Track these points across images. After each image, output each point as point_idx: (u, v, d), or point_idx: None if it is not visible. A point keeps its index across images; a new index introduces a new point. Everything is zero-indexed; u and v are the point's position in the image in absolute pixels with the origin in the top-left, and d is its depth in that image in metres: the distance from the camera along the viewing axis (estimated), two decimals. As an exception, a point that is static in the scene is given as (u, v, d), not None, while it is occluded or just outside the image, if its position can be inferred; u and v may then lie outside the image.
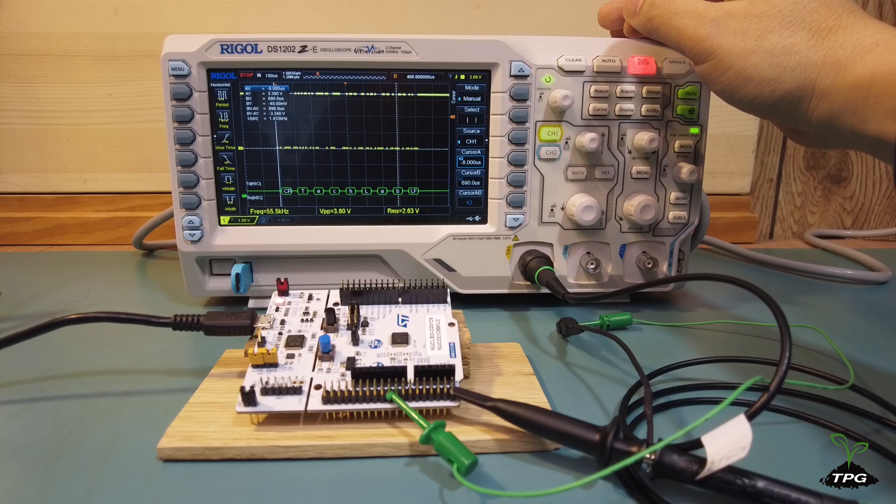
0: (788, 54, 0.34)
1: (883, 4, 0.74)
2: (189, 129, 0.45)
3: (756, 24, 0.35)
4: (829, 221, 0.82)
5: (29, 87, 0.69)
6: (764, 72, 0.35)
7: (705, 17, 0.37)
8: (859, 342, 0.44)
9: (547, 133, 0.47)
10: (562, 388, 0.37)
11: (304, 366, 0.33)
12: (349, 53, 0.45)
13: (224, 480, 0.28)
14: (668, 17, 0.39)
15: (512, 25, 0.70)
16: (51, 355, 0.40)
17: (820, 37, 0.33)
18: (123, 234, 0.72)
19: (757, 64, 0.35)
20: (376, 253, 0.49)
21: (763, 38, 0.35)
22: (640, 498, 0.26)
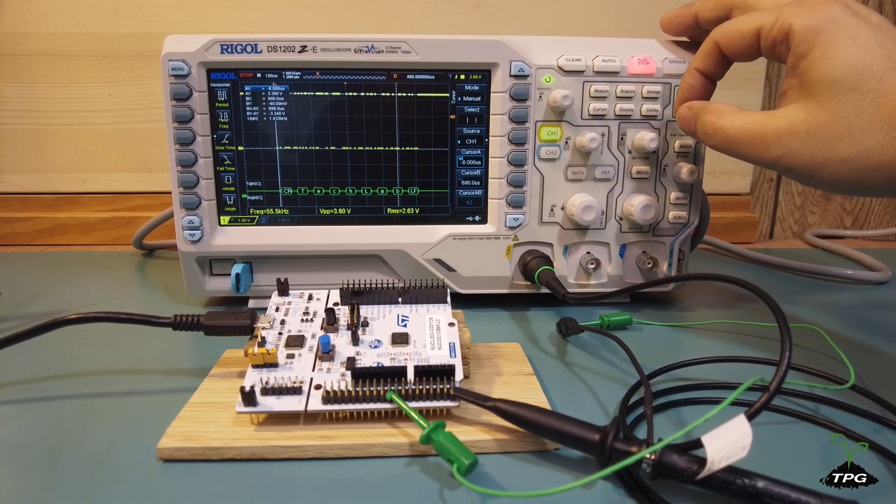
0: (865, 158, 0.32)
1: (883, 4, 0.74)
2: (189, 129, 0.45)
3: (822, 136, 0.33)
4: (829, 221, 0.82)
5: (29, 87, 0.69)
6: (845, 178, 0.34)
7: (767, 141, 0.35)
8: (859, 342, 0.44)
9: (547, 133, 0.47)
10: (562, 388, 0.37)
11: (304, 366, 0.33)
12: (349, 53, 0.45)
13: (224, 480, 0.28)
14: (727, 145, 0.38)
15: (512, 25, 0.70)
16: (51, 355, 0.40)
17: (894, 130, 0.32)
18: (123, 234, 0.72)
19: (836, 172, 0.34)
20: (376, 253, 0.49)
21: (833, 149, 0.33)
22: (640, 498, 0.26)
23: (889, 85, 0.32)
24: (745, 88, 0.74)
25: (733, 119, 0.38)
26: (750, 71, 0.73)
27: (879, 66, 0.32)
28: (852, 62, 0.33)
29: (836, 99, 0.33)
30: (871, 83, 0.32)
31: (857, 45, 0.33)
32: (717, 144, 0.39)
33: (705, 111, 0.40)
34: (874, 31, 0.33)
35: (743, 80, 0.73)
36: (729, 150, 0.38)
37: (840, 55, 0.33)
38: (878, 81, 0.32)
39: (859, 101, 0.33)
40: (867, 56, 0.33)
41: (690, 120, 0.41)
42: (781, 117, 0.35)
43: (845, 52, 0.33)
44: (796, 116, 0.35)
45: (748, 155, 0.37)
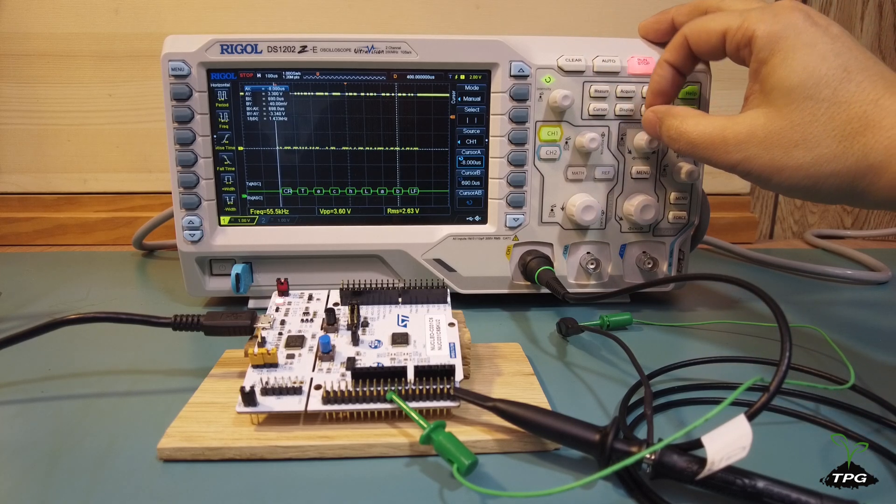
0: (818, 165, 0.33)
1: (883, 5, 0.74)
2: (189, 130, 0.45)
3: (778, 142, 0.34)
4: (829, 221, 0.82)
5: (29, 87, 0.69)
6: (800, 183, 0.34)
7: (727, 145, 0.36)
8: (859, 342, 0.44)
9: (547, 133, 0.47)
10: (562, 388, 0.37)
11: (304, 366, 0.33)
12: (349, 53, 0.45)
13: (224, 480, 0.28)
14: (690, 149, 0.39)
15: (512, 25, 0.70)
16: (51, 355, 0.40)
17: (847, 142, 0.32)
18: (123, 234, 0.72)
19: (791, 178, 0.34)
20: (376, 253, 0.49)
21: (788, 155, 0.34)
22: (640, 498, 0.26)
23: (842, 95, 0.33)
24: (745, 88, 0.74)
25: (696, 123, 0.38)
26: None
27: (835, 76, 0.33)
28: (809, 71, 0.34)
29: (793, 106, 0.34)
30: (825, 92, 0.33)
31: (815, 54, 0.34)
32: (681, 148, 0.39)
33: (669, 115, 0.40)
34: (832, 41, 0.34)
35: (742, 80, 0.73)
36: (692, 153, 0.39)
37: (798, 63, 0.34)
38: (832, 91, 0.33)
39: (814, 109, 0.33)
40: (823, 65, 0.33)
41: (655, 123, 0.41)
42: (742, 122, 0.36)
43: (803, 60, 0.34)
44: (756, 122, 0.35)
45: (710, 158, 0.38)
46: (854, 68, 0.33)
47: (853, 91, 0.33)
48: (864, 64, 0.33)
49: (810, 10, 0.35)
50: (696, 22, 0.39)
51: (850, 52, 0.34)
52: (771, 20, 0.35)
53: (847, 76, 0.33)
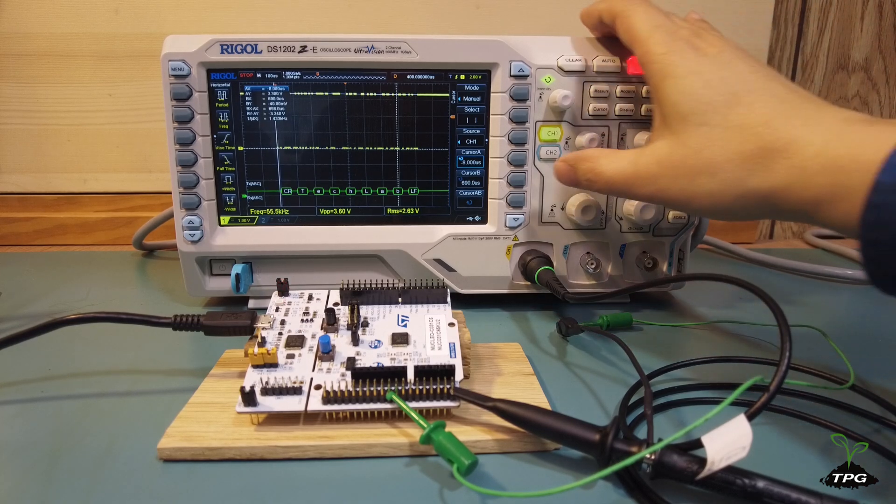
0: (724, 191, 0.33)
1: (883, 5, 0.74)
2: (189, 130, 0.45)
3: (683, 171, 0.34)
4: (829, 221, 0.81)
5: (29, 87, 0.69)
6: (714, 207, 0.34)
7: (640, 179, 0.37)
8: (859, 342, 0.44)
9: (547, 133, 0.47)
10: (562, 388, 0.37)
11: (304, 366, 0.33)
12: (349, 53, 0.45)
13: (224, 480, 0.28)
14: (608, 187, 0.39)
15: (512, 25, 0.70)
16: (51, 355, 0.40)
17: (748, 165, 0.32)
18: (123, 234, 0.72)
19: (703, 205, 0.35)
20: (376, 253, 0.49)
21: (695, 183, 0.34)
22: (640, 498, 0.26)
23: (733, 120, 0.33)
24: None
25: (609, 162, 0.39)
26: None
27: (723, 101, 0.33)
28: (697, 97, 0.34)
29: (690, 133, 0.34)
30: (716, 119, 0.33)
31: (701, 81, 0.34)
32: (600, 189, 0.40)
33: (581, 160, 0.40)
34: (720, 67, 0.34)
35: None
36: (610, 192, 0.39)
37: (686, 90, 0.34)
38: (723, 117, 0.33)
39: (709, 135, 0.33)
40: (710, 92, 0.34)
41: (569, 172, 0.41)
42: (650, 154, 0.36)
43: (690, 87, 0.34)
44: (661, 152, 0.36)
45: (627, 194, 0.38)
46: (742, 91, 0.33)
47: (743, 114, 0.33)
48: (753, 86, 0.33)
49: (701, 41, 0.36)
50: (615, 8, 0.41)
51: (739, 76, 0.34)
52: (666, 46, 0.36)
53: (735, 100, 0.33)
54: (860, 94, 0.77)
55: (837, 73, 0.76)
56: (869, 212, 0.26)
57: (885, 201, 0.26)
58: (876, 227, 0.26)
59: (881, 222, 0.26)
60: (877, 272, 0.27)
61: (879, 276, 0.28)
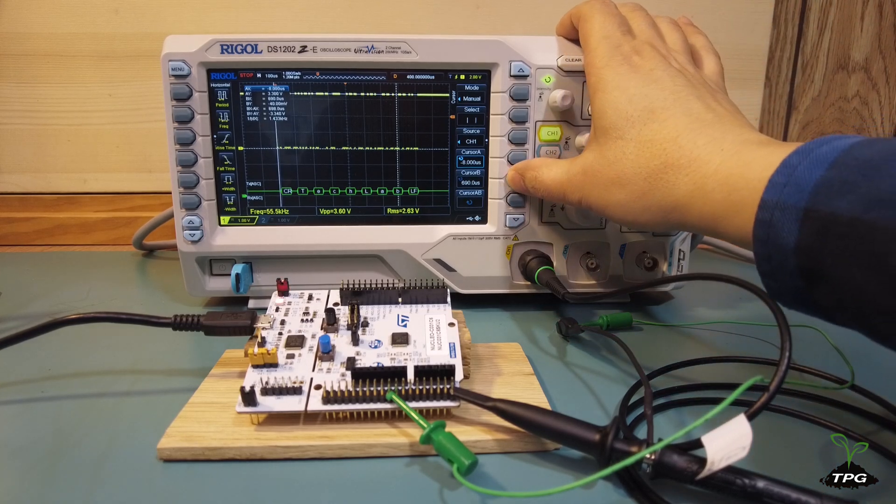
0: (632, 203, 0.35)
1: (883, 5, 0.74)
2: (189, 130, 0.45)
3: (600, 180, 0.37)
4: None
5: (29, 87, 0.69)
6: (625, 218, 0.36)
7: (568, 186, 0.40)
8: (859, 342, 0.44)
9: (547, 133, 0.47)
10: (562, 388, 0.37)
11: (304, 366, 0.33)
12: (349, 53, 0.45)
13: (224, 480, 0.28)
14: (547, 194, 0.42)
15: (512, 25, 0.70)
16: (51, 355, 0.40)
17: (652, 180, 0.34)
18: (123, 234, 0.72)
19: (615, 215, 0.37)
20: (376, 253, 0.49)
21: (609, 193, 0.36)
22: (640, 498, 0.26)
23: (646, 135, 0.34)
24: (745, 88, 0.74)
25: (548, 171, 0.42)
26: (750, 71, 0.73)
27: (640, 116, 0.35)
28: (619, 111, 0.36)
29: (608, 145, 0.36)
30: (632, 132, 0.35)
31: (624, 97, 0.36)
32: (543, 196, 0.44)
33: (528, 168, 0.44)
34: (645, 83, 0.36)
35: (744, 81, 0.73)
36: (549, 198, 0.43)
37: (611, 104, 0.36)
38: (637, 131, 0.35)
39: (623, 148, 0.35)
40: (630, 107, 0.35)
41: (518, 180, 0.45)
42: (578, 164, 0.39)
43: (615, 101, 0.36)
44: (586, 162, 0.38)
45: (562, 200, 0.42)
46: (659, 107, 0.35)
47: (656, 130, 0.34)
48: (670, 103, 0.35)
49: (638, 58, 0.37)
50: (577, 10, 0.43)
51: (661, 93, 0.35)
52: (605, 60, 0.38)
53: (651, 116, 0.35)
54: (860, 94, 0.77)
55: (837, 73, 0.76)
56: (758, 227, 0.28)
57: (770, 218, 0.27)
58: (765, 242, 0.28)
59: (769, 237, 0.27)
60: (772, 286, 0.29)
61: (776, 289, 0.29)
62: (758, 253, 0.28)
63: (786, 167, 0.27)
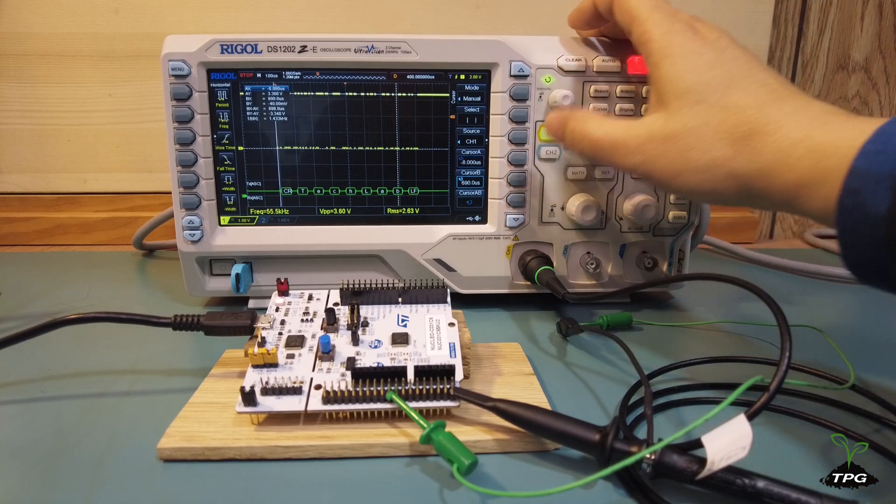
0: (714, 168, 0.34)
1: (883, 5, 0.74)
2: (189, 129, 0.45)
3: (675, 145, 0.35)
4: (828, 221, 0.81)
5: (29, 87, 0.69)
6: (700, 186, 0.35)
7: (628, 147, 0.37)
8: (859, 342, 0.44)
9: (547, 133, 0.46)
10: (562, 388, 0.37)
11: (304, 366, 0.33)
12: (349, 53, 0.45)
13: (224, 480, 0.28)
14: (593, 150, 0.39)
15: (512, 25, 0.70)
16: (51, 355, 0.40)
17: (738, 145, 0.33)
18: (123, 234, 0.72)
19: (689, 181, 0.35)
20: (376, 253, 0.49)
21: (685, 158, 0.35)
22: (640, 498, 0.26)
23: (729, 100, 0.34)
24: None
25: (599, 125, 0.39)
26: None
27: (721, 82, 0.34)
28: (697, 75, 0.35)
29: (685, 110, 0.35)
30: (714, 97, 0.34)
31: (702, 62, 0.35)
32: (584, 149, 0.40)
33: (573, 118, 0.41)
34: (719, 52, 0.35)
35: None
36: (594, 154, 0.40)
37: (687, 69, 0.35)
38: (720, 96, 0.34)
39: (705, 113, 0.34)
40: (710, 73, 0.35)
41: (559, 126, 0.42)
42: (642, 125, 0.37)
43: (691, 66, 0.35)
44: (654, 125, 0.36)
45: (611, 160, 0.39)
46: (739, 75, 0.34)
47: (740, 96, 0.34)
48: (749, 72, 0.34)
49: (700, 25, 0.37)
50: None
51: (736, 62, 0.35)
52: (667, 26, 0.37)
53: (733, 83, 0.34)
54: (860, 94, 0.77)
55: (837, 73, 0.76)
56: (845, 195, 0.27)
57: (861, 186, 0.27)
58: (851, 211, 0.27)
59: (856, 206, 0.27)
60: (854, 258, 0.28)
61: (856, 262, 0.28)
62: (841, 223, 0.28)
63: (881, 135, 0.27)
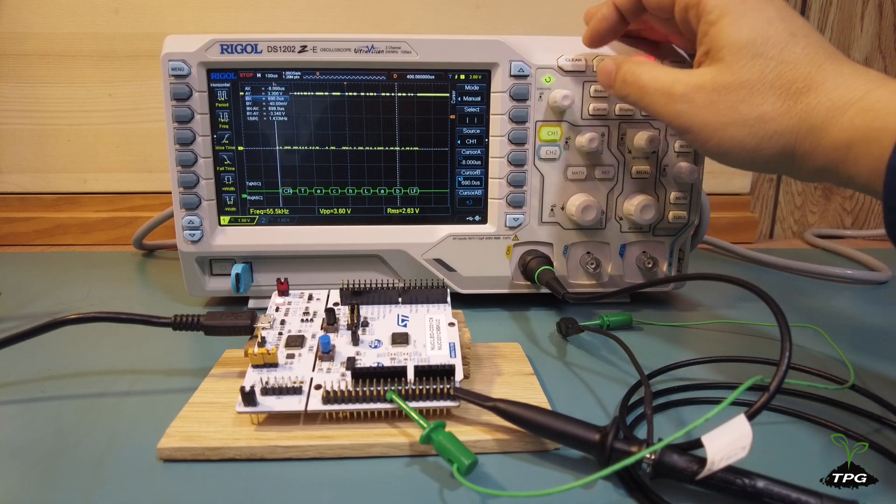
0: (763, 122, 0.34)
1: (883, 5, 0.74)
2: (189, 129, 0.45)
3: (725, 97, 0.35)
4: (829, 221, 0.82)
5: (29, 87, 0.69)
6: (743, 142, 0.35)
7: (674, 94, 0.37)
8: (859, 342, 0.44)
9: (547, 133, 0.47)
10: (562, 388, 0.37)
11: (304, 366, 0.33)
12: (349, 53, 0.45)
13: (224, 480, 0.28)
14: (639, 95, 0.39)
15: (512, 25, 0.70)
16: (51, 355, 0.40)
17: (791, 100, 0.33)
18: (123, 234, 0.72)
19: (734, 136, 0.35)
20: (376, 253, 0.49)
21: (735, 110, 0.34)
22: (640, 498, 0.26)
23: (788, 55, 0.34)
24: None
25: (650, 69, 0.39)
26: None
27: (781, 38, 0.34)
28: (757, 30, 0.34)
29: (742, 62, 0.34)
30: (773, 51, 0.34)
31: (763, 17, 0.35)
32: (631, 93, 0.40)
33: (627, 62, 0.41)
34: (777, 10, 0.35)
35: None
36: (639, 98, 0.39)
37: (747, 24, 0.35)
38: (779, 51, 0.34)
39: (763, 66, 0.34)
40: (771, 28, 0.34)
41: (612, 70, 0.41)
42: (692, 75, 0.37)
43: (752, 21, 0.35)
44: (705, 77, 0.36)
45: (656, 106, 0.38)
46: (799, 34, 0.34)
47: (799, 53, 0.33)
48: (808, 31, 0.34)
49: None
50: None
51: (795, 20, 0.35)
52: None
53: (793, 39, 0.34)
54: (860, 94, 0.77)
55: (837, 73, 0.76)
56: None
57: None
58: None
59: None
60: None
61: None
62: (889, 184, 0.28)
63: None
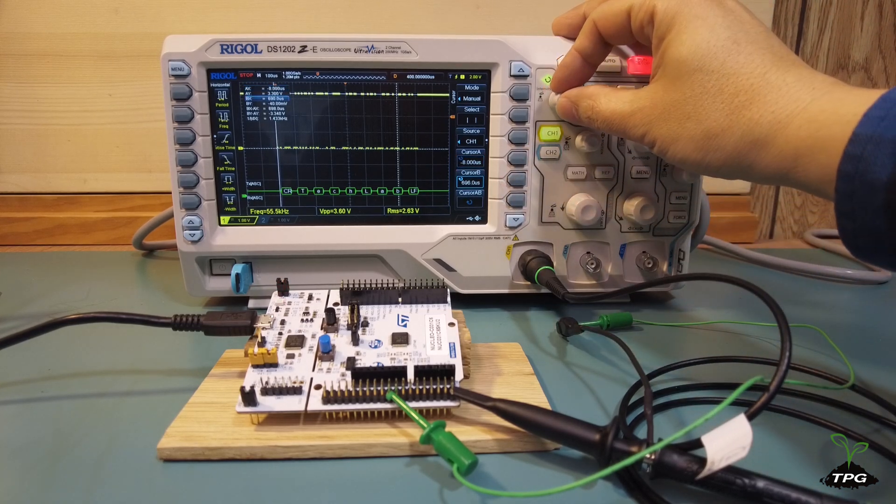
0: (708, 139, 0.34)
1: (883, 4, 0.74)
2: (189, 129, 0.45)
3: (673, 112, 0.35)
4: (829, 221, 0.82)
5: (29, 87, 0.69)
6: (692, 155, 0.35)
7: (634, 119, 0.37)
8: (859, 342, 0.44)
9: (547, 133, 0.47)
10: (562, 388, 0.37)
11: (304, 366, 0.33)
12: (349, 53, 0.45)
13: (224, 480, 0.28)
14: (604, 125, 0.40)
15: (512, 25, 0.70)
16: (51, 355, 0.40)
17: (735, 115, 0.32)
18: (123, 234, 0.72)
19: (684, 149, 0.35)
20: (376, 253, 0.49)
21: (682, 126, 0.35)
22: (640, 498, 0.26)
23: (730, 66, 0.33)
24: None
25: (607, 101, 0.40)
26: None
27: (724, 47, 0.33)
28: (698, 42, 0.34)
29: (685, 78, 0.34)
30: (714, 64, 0.33)
31: (705, 27, 0.34)
32: (599, 126, 0.41)
33: (583, 97, 0.42)
34: (725, 14, 0.34)
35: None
36: (608, 130, 0.41)
37: (689, 36, 0.34)
38: (721, 63, 0.33)
39: (704, 81, 0.34)
40: (713, 37, 0.34)
41: (571, 108, 0.43)
42: (644, 96, 0.37)
43: (694, 33, 0.34)
44: (655, 95, 0.36)
45: (622, 132, 0.39)
46: (743, 40, 0.33)
47: (742, 62, 0.33)
48: (755, 37, 0.33)
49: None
50: (603, 5, 0.40)
51: (742, 25, 0.34)
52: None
53: (736, 48, 0.33)
54: (860, 94, 0.77)
55: (837, 72, 0.76)
56: (845, 162, 0.27)
57: (861, 153, 0.26)
58: (852, 178, 0.27)
59: (857, 172, 0.27)
60: (849, 228, 0.28)
61: (852, 232, 0.28)
62: (840, 190, 0.27)
63: (885, 101, 0.27)
